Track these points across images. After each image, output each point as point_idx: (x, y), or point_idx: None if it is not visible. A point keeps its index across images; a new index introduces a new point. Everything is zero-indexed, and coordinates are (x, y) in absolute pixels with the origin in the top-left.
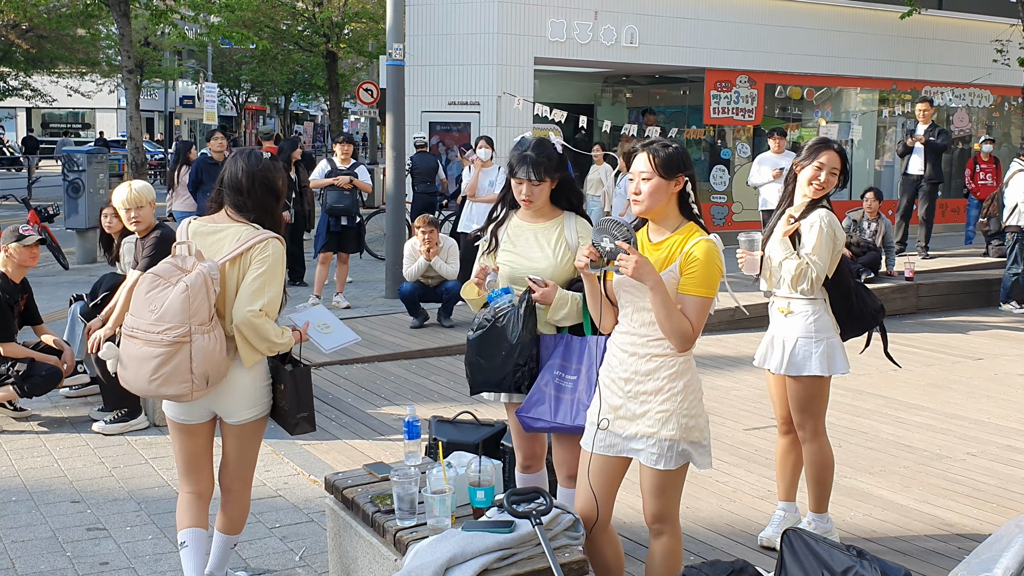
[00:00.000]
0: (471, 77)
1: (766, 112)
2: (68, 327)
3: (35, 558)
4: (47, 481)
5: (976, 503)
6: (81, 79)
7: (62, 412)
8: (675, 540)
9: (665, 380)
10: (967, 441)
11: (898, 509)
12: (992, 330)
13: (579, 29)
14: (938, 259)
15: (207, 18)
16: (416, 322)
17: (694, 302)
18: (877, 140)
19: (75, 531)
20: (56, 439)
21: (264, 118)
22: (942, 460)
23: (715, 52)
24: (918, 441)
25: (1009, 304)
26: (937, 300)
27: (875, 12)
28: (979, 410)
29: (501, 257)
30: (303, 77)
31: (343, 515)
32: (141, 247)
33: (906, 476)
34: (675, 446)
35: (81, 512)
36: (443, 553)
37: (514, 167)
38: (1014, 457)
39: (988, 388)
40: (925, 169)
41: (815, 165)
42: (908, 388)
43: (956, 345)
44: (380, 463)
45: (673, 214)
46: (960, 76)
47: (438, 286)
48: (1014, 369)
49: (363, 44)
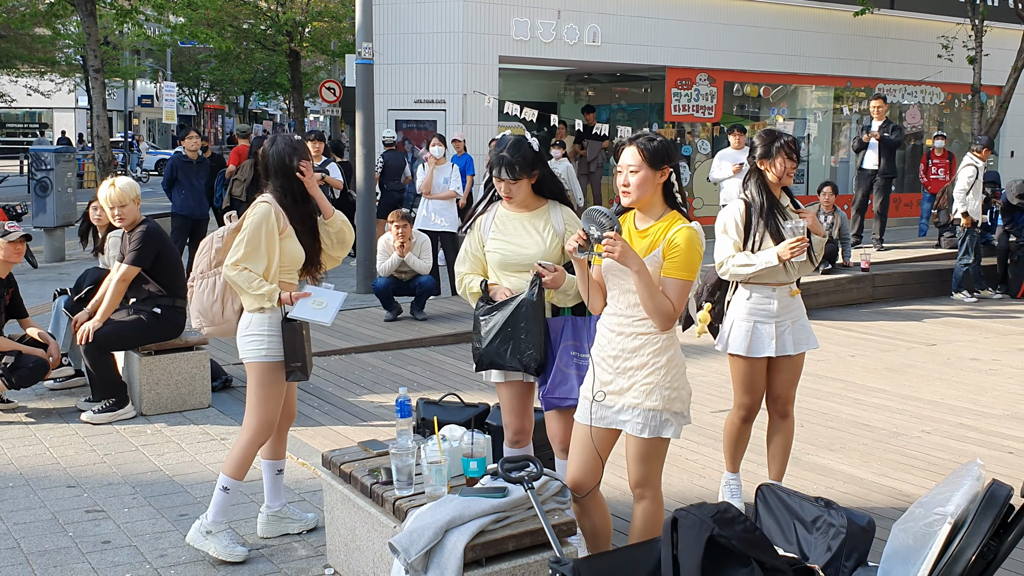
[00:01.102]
0: (437, 76)
1: (725, 109)
2: (52, 320)
3: (38, 538)
4: (41, 468)
5: (931, 475)
6: (40, 78)
7: (48, 404)
8: (656, 505)
9: (650, 356)
10: (922, 420)
11: (858, 482)
12: (944, 318)
13: (543, 28)
14: (892, 251)
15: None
16: (390, 315)
17: (675, 284)
18: (832, 136)
19: (74, 513)
20: (46, 429)
21: (223, 117)
22: (898, 437)
23: (676, 51)
24: (876, 420)
25: (960, 293)
26: (892, 290)
27: (830, 12)
28: (933, 391)
29: (491, 245)
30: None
31: (341, 488)
32: (128, 241)
33: (865, 452)
34: (658, 416)
35: (78, 496)
36: (443, 516)
37: (493, 166)
38: (965, 434)
39: (941, 372)
40: (880, 164)
41: (784, 156)
42: (866, 372)
43: (910, 332)
44: (374, 440)
45: (658, 203)
46: (912, 74)
47: (411, 281)
48: (965, 354)
49: (326, 43)
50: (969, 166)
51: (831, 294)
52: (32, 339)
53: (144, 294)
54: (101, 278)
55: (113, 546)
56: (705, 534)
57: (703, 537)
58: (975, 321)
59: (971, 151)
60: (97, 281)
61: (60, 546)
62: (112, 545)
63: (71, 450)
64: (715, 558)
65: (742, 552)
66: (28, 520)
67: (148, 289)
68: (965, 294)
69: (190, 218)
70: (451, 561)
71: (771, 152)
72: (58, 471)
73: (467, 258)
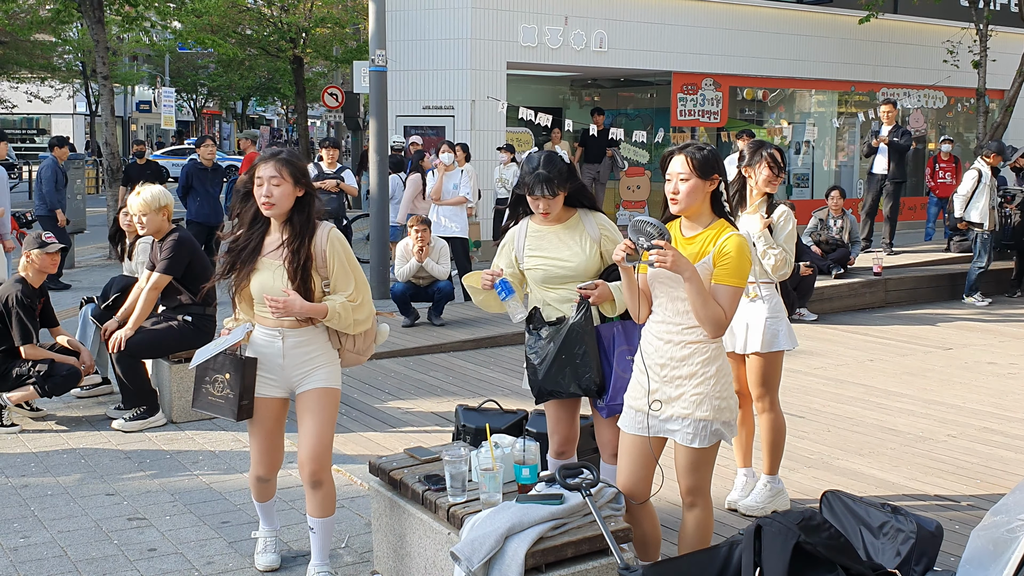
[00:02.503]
0: (445, 82)
1: (731, 114)
2: (79, 329)
3: (84, 546)
4: (78, 476)
5: (961, 479)
6: (40, 84)
7: (77, 412)
8: (707, 512)
9: (699, 365)
10: (946, 424)
11: (890, 486)
12: (958, 321)
13: (550, 34)
14: (902, 255)
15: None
16: (408, 321)
17: (727, 291)
18: (837, 140)
19: (116, 521)
20: (78, 437)
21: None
22: (925, 442)
23: (681, 56)
24: (901, 425)
25: (972, 297)
26: (904, 294)
27: (834, 17)
28: (954, 395)
29: (530, 263)
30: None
31: (389, 495)
32: (159, 249)
33: (894, 457)
34: (709, 426)
35: (118, 504)
36: (502, 523)
37: (530, 186)
38: (991, 438)
39: (960, 375)
40: (889, 168)
41: (766, 164)
42: (886, 377)
43: (926, 336)
44: (420, 447)
45: (706, 211)
46: (915, 78)
47: (429, 286)
48: (983, 358)
49: (329, 49)
50: (973, 169)
51: (844, 298)
52: (63, 347)
53: (175, 302)
54: (128, 286)
55: (159, 553)
56: (792, 541)
57: (789, 544)
58: (989, 325)
59: (981, 156)
60: (124, 289)
61: (107, 554)
62: (158, 553)
63: (106, 458)
64: (801, 564)
65: (827, 559)
66: (72, 528)
67: (179, 297)
68: (977, 298)
69: (206, 225)
70: (512, 568)
71: (754, 160)
72: (95, 479)
73: None
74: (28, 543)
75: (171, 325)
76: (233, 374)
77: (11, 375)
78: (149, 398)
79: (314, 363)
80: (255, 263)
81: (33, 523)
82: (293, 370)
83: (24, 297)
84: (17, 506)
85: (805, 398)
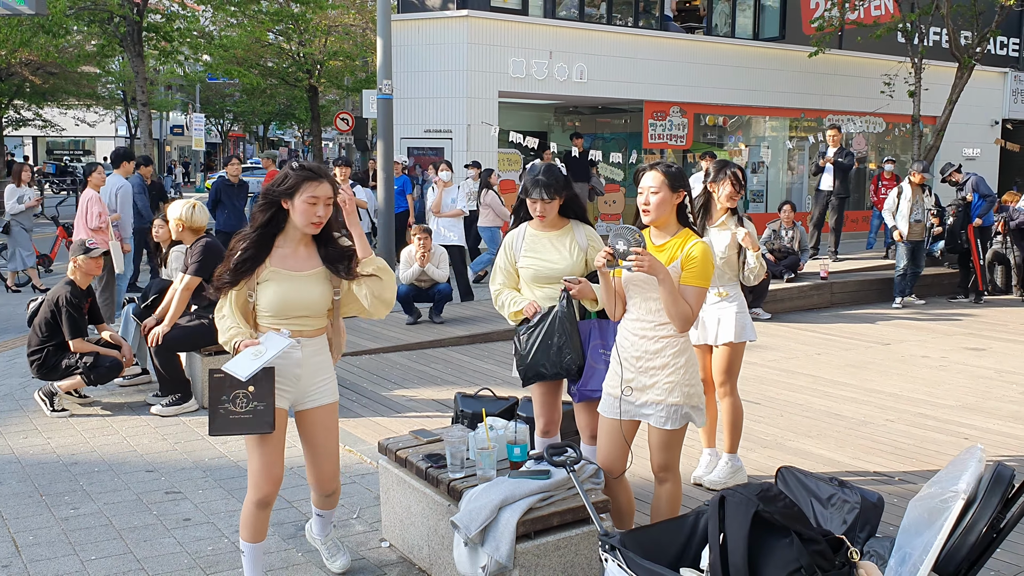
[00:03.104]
0: (444, 108)
1: (695, 138)
2: (122, 326)
3: (127, 516)
4: (121, 455)
5: (898, 458)
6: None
7: (119, 399)
8: (676, 486)
9: (670, 357)
10: (885, 410)
11: (836, 464)
12: (895, 320)
13: (536, 67)
14: (846, 261)
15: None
16: (411, 319)
17: (694, 291)
18: (788, 160)
19: (155, 495)
20: (120, 420)
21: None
22: (867, 425)
23: (652, 86)
24: (845, 411)
25: (899, 299)
26: (848, 296)
27: (787, 52)
28: (892, 385)
29: (523, 262)
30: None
31: (396, 472)
32: (190, 255)
33: (839, 438)
34: (679, 410)
35: (156, 479)
36: (496, 496)
37: (529, 190)
38: (924, 422)
39: (898, 368)
40: (835, 185)
41: (729, 182)
42: (832, 368)
43: (867, 333)
44: (423, 430)
45: (673, 222)
46: (858, 106)
47: (430, 288)
48: (917, 352)
49: (340, 79)
50: (898, 186)
51: (795, 300)
52: (106, 341)
53: (205, 301)
54: (165, 288)
55: (193, 523)
56: (752, 510)
57: (750, 512)
58: (923, 323)
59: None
60: (161, 291)
61: (147, 523)
62: (192, 522)
63: (145, 439)
64: (759, 530)
65: (783, 525)
66: (116, 501)
67: (209, 297)
68: (901, 301)
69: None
70: (505, 535)
71: (719, 177)
72: (135, 458)
73: (499, 274)
74: (77, 513)
75: (203, 322)
76: (262, 385)
77: (61, 366)
78: (183, 386)
79: (325, 373)
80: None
81: (82, 496)
82: (308, 380)
83: (73, 297)
84: (67, 481)
85: (761, 387)
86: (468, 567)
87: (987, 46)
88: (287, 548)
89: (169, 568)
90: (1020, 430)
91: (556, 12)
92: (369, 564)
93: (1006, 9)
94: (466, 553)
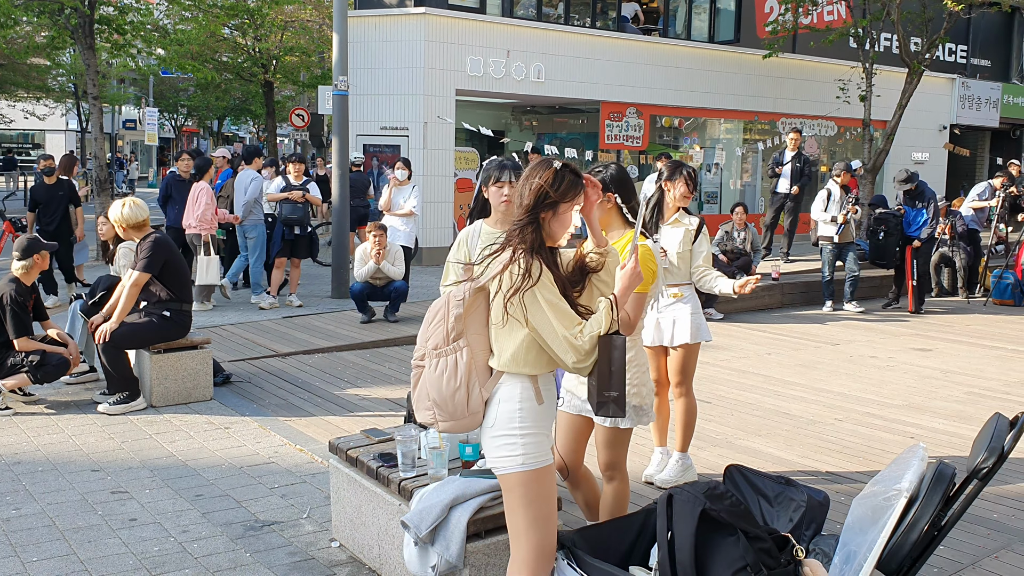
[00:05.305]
0: (401, 105)
1: (651, 139)
2: (69, 322)
3: (71, 516)
4: (66, 454)
5: (845, 457)
6: (36, 103)
7: (66, 397)
8: (624, 484)
9: None
10: (833, 409)
11: (785, 463)
12: (845, 321)
13: (494, 66)
14: (797, 263)
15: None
16: (365, 318)
17: (635, 297)
18: (742, 163)
19: (100, 494)
20: (66, 419)
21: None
22: (815, 424)
23: (609, 87)
24: (794, 410)
25: (827, 303)
26: (798, 297)
27: (741, 55)
28: (840, 385)
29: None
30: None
31: (347, 471)
32: (138, 251)
33: (788, 437)
34: None
35: (102, 479)
36: (447, 495)
37: (495, 174)
38: (872, 421)
39: (846, 367)
40: (791, 188)
41: (683, 182)
42: (782, 368)
43: (817, 333)
44: (374, 429)
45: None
46: (811, 109)
47: (385, 286)
48: (865, 352)
49: (296, 75)
50: (824, 189)
51: (746, 300)
52: (52, 339)
53: (155, 298)
54: (114, 284)
55: (139, 523)
56: (699, 508)
57: (697, 510)
58: (871, 324)
59: (831, 176)
60: (110, 287)
61: (91, 524)
62: (139, 522)
63: (91, 438)
64: (706, 528)
65: (729, 523)
66: (60, 501)
67: (158, 294)
68: (830, 304)
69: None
70: (455, 534)
71: (674, 177)
72: (81, 457)
73: (452, 272)
74: (20, 514)
75: (151, 319)
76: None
77: (6, 364)
78: (131, 384)
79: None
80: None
81: (24, 496)
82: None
83: (18, 295)
84: (10, 481)
85: (712, 386)
86: (418, 567)
87: (936, 53)
88: (235, 549)
89: (114, 569)
90: (963, 429)
91: (514, 11)
92: (319, 564)
93: (954, 16)
94: (416, 553)
